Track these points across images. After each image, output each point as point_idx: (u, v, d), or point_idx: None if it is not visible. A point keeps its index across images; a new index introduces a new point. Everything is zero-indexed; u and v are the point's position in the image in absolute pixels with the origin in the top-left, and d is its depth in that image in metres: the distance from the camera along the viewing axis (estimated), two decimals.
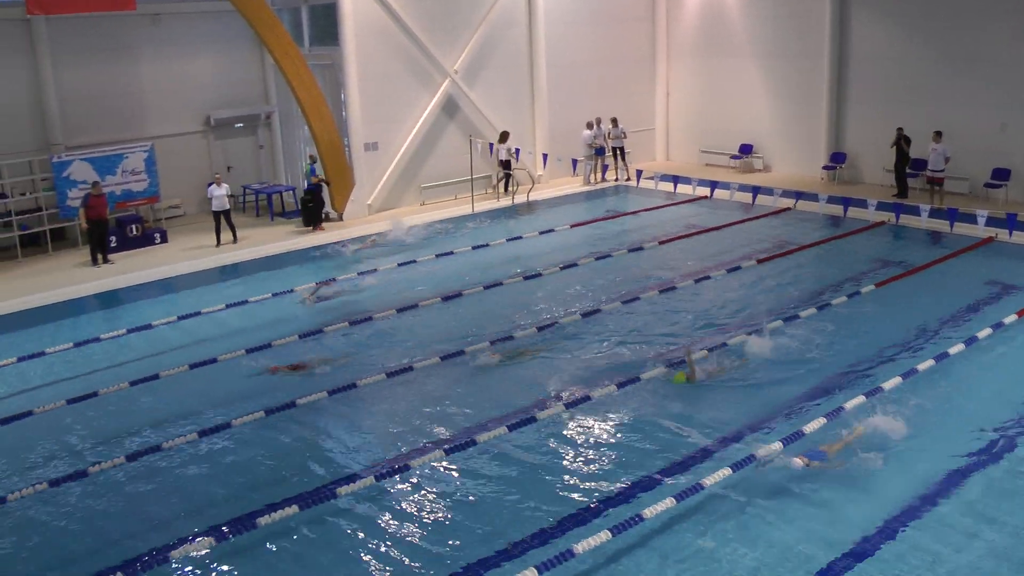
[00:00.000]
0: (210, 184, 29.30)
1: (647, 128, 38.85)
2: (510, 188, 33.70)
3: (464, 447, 14.69)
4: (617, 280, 23.23)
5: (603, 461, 14.37)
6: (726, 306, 21.02)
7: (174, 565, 12.03)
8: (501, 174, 34.08)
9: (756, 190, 29.42)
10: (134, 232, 29.45)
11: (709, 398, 16.37)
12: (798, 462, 13.43)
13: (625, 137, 35.53)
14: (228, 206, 29.08)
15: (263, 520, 12.72)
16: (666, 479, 13.66)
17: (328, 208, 31.88)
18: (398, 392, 17.24)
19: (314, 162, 31.11)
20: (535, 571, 11.06)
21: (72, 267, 27.66)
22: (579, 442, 14.91)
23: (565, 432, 15.26)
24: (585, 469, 14.15)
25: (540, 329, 19.84)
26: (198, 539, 12.49)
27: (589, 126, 34.94)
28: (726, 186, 30.07)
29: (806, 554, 11.68)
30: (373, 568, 11.84)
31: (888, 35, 31.60)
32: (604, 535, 11.79)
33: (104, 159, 29.76)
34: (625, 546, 11.91)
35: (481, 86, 34.39)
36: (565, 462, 14.36)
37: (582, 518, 12.69)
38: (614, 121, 35.17)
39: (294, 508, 12.99)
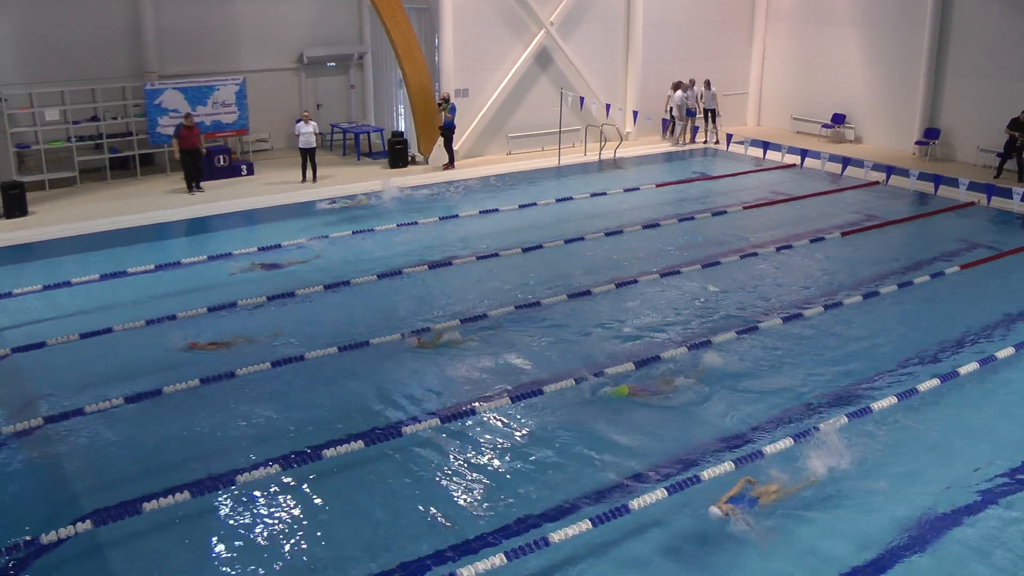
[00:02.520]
0: (298, 121, 29.66)
1: (740, 92, 38.39)
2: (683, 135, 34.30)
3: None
4: (698, 243, 23.16)
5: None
6: (795, 279, 20.76)
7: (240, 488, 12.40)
8: (680, 122, 34.69)
9: (846, 161, 29.08)
10: (221, 163, 29.99)
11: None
12: (716, 511, 11.42)
13: (717, 100, 35.19)
14: (314, 144, 29.40)
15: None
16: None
17: (415, 151, 32.08)
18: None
19: (446, 102, 31.20)
20: None
21: (164, 192, 28.25)
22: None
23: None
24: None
25: (619, 285, 19.87)
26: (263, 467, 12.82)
27: (675, 87, 34.60)
28: (816, 155, 29.74)
29: None
30: None
31: (996, 6, 30.75)
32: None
33: (196, 90, 30.17)
34: None
35: (576, 39, 34.20)
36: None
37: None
38: (707, 83, 34.82)
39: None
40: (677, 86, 34.53)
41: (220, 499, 12.25)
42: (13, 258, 22.55)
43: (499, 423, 14.20)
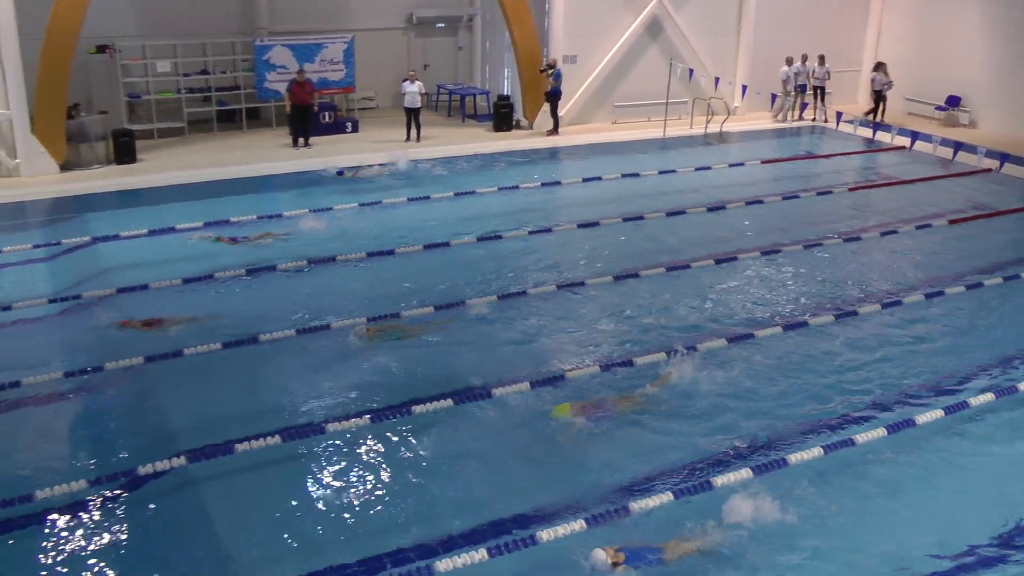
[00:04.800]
0: (404, 80, 29.82)
1: (852, 69, 37.55)
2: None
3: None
4: (800, 223, 22.77)
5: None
6: (900, 266, 20.15)
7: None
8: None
9: (958, 146, 28.28)
10: (327, 119, 30.32)
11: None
12: (602, 555, 9.80)
13: (829, 77, 34.51)
14: (419, 104, 29.55)
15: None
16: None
17: (520, 116, 32.07)
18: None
19: (551, 68, 31.06)
20: None
21: (269, 146, 28.69)
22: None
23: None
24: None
25: (718, 261, 19.68)
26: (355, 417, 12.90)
27: (788, 62, 34.07)
28: (928, 138, 29.08)
29: None
30: None
31: None
32: None
33: (304, 47, 30.46)
34: None
35: (688, 10, 33.71)
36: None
37: None
38: (821, 59, 34.11)
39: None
40: (788, 61, 33.99)
41: (309, 446, 12.41)
42: (121, 203, 23.18)
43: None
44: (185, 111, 30.03)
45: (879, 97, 33.99)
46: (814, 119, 34.45)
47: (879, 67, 34.09)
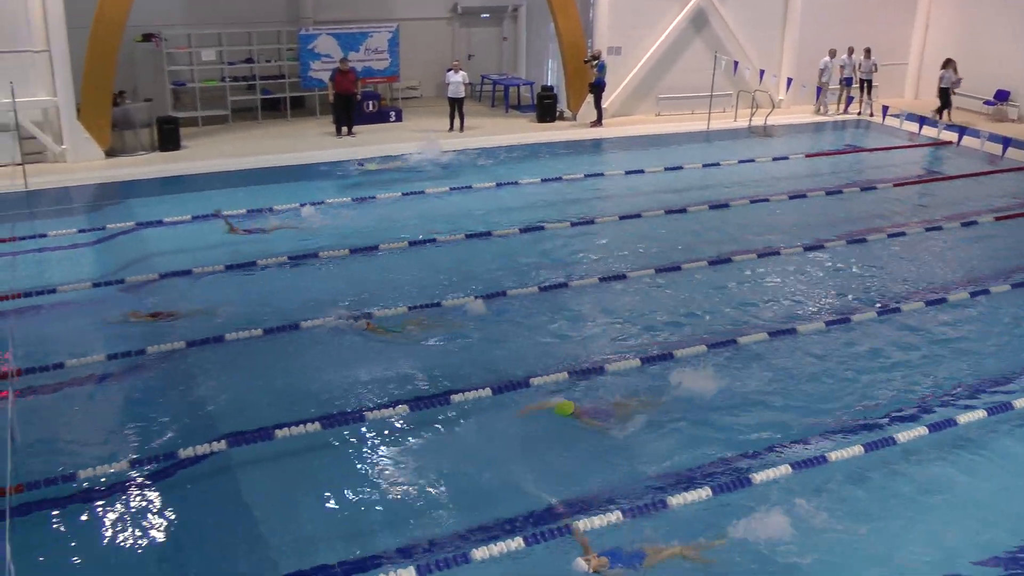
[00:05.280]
0: (448, 70, 29.83)
1: (899, 63, 37.14)
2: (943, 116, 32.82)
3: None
4: (843, 218, 22.51)
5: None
6: (943, 263, 19.86)
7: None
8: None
9: (1007, 142, 27.94)
10: (371, 108, 30.42)
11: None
12: (583, 565, 9.50)
13: (876, 70, 34.17)
14: (463, 93, 29.57)
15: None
16: None
17: (563, 107, 32.03)
18: None
19: (595, 59, 30.95)
20: None
21: (313, 134, 28.85)
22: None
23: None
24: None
25: (760, 255, 19.56)
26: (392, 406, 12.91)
27: (831, 53, 33.73)
28: (975, 133, 28.75)
29: None
30: None
31: None
32: None
33: (349, 36, 30.56)
34: None
35: (733, 2, 33.48)
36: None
37: None
38: (867, 52, 33.78)
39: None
40: (831, 53, 33.68)
41: (349, 433, 12.45)
42: (165, 189, 23.38)
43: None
44: (229, 99, 30.23)
45: (947, 95, 33.20)
46: (859, 113, 34.17)
47: (948, 64, 33.01)
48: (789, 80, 33.79)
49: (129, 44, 27.82)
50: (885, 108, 32.04)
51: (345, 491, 11.22)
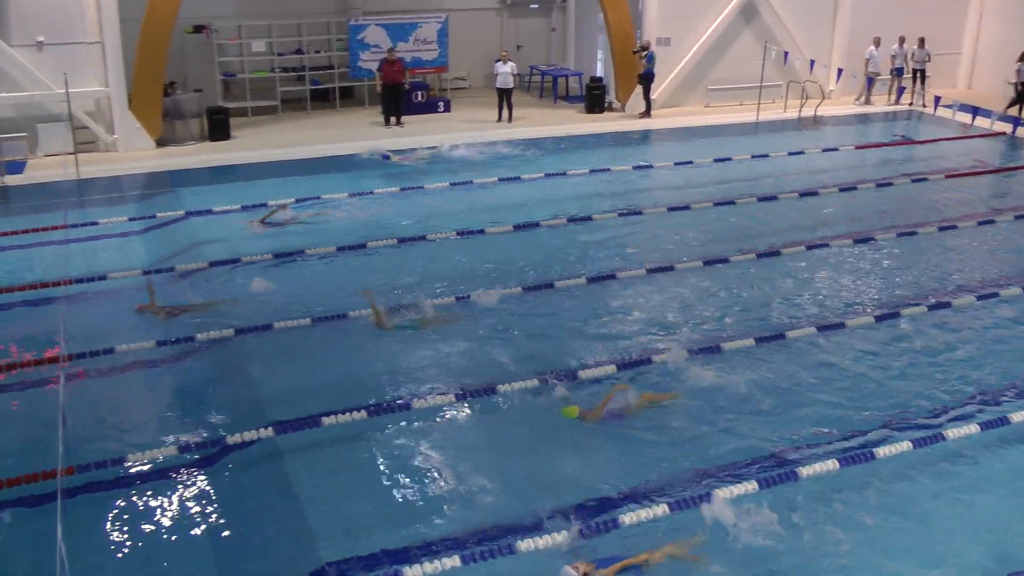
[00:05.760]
0: (497, 60, 29.84)
1: (952, 52, 36.68)
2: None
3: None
4: (894, 210, 22.28)
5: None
6: (994, 257, 19.47)
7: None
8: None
9: None
10: (419, 98, 30.53)
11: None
12: (571, 572, 9.32)
13: (929, 60, 33.77)
14: (512, 84, 29.59)
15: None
16: None
17: (612, 98, 31.97)
18: None
19: (644, 49, 30.87)
20: None
21: (362, 124, 28.98)
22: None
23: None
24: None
25: (809, 248, 19.38)
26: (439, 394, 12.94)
27: (876, 43, 33.32)
28: None
29: None
30: None
31: None
32: None
33: (398, 26, 30.68)
34: None
35: None
36: None
37: None
38: (920, 41, 33.38)
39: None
40: (876, 42, 33.34)
41: (394, 422, 12.47)
42: (214, 178, 23.63)
43: None
44: (279, 90, 30.48)
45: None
46: (911, 103, 33.79)
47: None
48: (839, 70, 33.49)
49: (180, 35, 28.08)
50: (937, 98, 31.65)
51: (390, 480, 11.26)
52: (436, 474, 11.37)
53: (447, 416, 12.70)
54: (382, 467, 11.54)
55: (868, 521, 10.49)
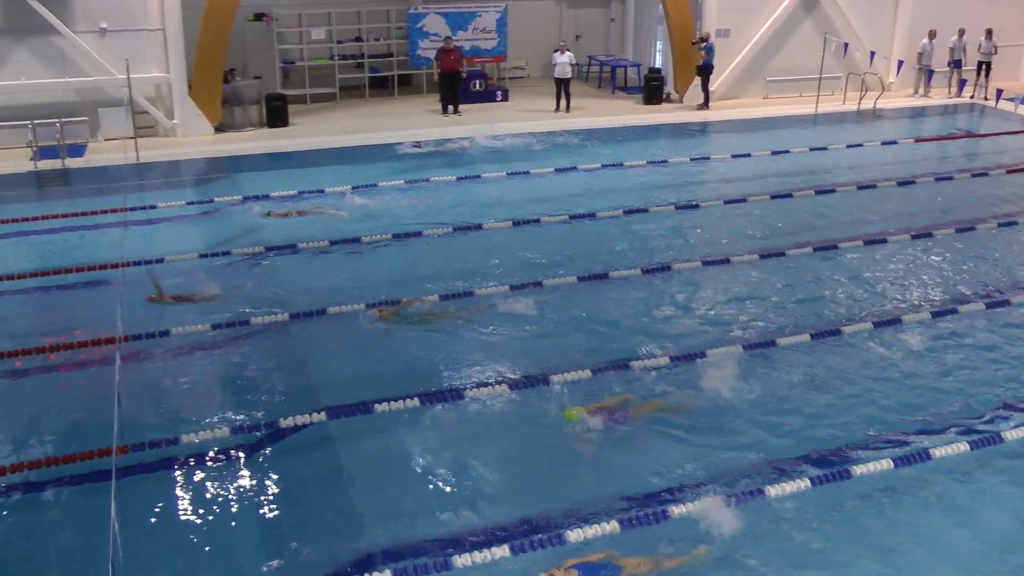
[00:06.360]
0: (555, 50, 29.84)
1: (1014, 44, 36.07)
2: None
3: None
4: (953, 206, 21.95)
5: None
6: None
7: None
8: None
9: None
10: (477, 87, 30.58)
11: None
12: None
13: (995, 52, 33.22)
14: (570, 74, 29.56)
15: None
16: None
17: (670, 89, 31.84)
18: None
19: (703, 41, 30.75)
20: None
21: (420, 112, 29.10)
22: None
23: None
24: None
25: (867, 243, 19.15)
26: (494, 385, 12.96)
27: (931, 35, 32.86)
28: None
29: None
30: None
31: None
32: None
33: (458, 15, 30.73)
34: None
35: None
36: None
37: None
38: (988, 33, 32.85)
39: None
40: (931, 34, 32.92)
41: (445, 411, 12.48)
42: (272, 164, 23.85)
43: None
44: (338, 77, 30.70)
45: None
46: (972, 96, 33.32)
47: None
48: (900, 62, 33.10)
49: (241, 23, 28.30)
50: (999, 91, 31.17)
51: (441, 468, 11.26)
52: (486, 464, 11.36)
53: (497, 406, 12.67)
54: (432, 455, 11.53)
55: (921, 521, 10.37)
